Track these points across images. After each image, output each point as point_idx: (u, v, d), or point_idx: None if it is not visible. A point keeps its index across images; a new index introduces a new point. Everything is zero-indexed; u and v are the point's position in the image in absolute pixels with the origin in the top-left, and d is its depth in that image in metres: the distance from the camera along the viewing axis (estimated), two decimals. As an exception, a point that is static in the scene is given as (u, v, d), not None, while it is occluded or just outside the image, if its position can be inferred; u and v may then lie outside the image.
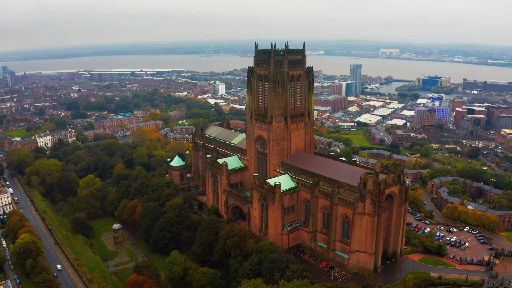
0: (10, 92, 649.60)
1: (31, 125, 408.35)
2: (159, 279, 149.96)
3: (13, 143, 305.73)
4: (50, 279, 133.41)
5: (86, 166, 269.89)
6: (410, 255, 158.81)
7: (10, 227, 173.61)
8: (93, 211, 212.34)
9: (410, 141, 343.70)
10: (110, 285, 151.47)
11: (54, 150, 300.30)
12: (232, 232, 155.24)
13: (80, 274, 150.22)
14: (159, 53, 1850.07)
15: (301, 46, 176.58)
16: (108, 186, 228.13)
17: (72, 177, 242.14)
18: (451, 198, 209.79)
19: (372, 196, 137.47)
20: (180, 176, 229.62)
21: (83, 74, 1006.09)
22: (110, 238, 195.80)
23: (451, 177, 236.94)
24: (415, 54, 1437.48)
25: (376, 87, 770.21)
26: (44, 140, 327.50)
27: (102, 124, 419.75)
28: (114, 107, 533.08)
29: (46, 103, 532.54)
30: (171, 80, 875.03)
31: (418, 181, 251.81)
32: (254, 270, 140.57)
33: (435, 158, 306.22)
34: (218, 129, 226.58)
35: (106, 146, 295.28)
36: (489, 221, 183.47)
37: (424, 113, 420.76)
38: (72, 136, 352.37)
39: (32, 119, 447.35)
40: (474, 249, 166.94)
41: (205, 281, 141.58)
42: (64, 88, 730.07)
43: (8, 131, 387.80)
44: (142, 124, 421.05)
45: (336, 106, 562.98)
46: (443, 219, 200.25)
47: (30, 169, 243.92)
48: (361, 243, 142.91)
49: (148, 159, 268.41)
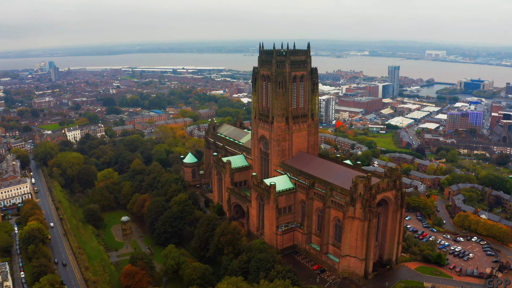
0: (52, 87, 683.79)
1: (65, 119, 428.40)
2: (153, 271, 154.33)
3: (44, 136, 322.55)
4: (45, 263, 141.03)
5: (108, 160, 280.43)
6: (407, 263, 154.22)
7: (22, 214, 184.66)
8: (107, 204, 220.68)
9: (437, 146, 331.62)
10: (108, 274, 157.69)
11: (80, 143, 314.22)
12: (226, 229, 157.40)
13: (79, 261, 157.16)
14: (204, 52, 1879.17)
15: (348, 47, 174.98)
16: (124, 180, 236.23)
17: (91, 170, 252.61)
18: (465, 206, 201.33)
19: (363, 200, 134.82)
20: (192, 172, 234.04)
21: (126, 71, 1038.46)
22: (119, 230, 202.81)
23: (470, 184, 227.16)
24: (461, 56, 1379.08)
25: (416, 90, 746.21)
26: (73, 134, 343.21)
27: (132, 120, 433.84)
28: (148, 104, 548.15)
29: (83, 98, 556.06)
30: (210, 78, 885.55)
31: (436, 187, 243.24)
32: (242, 268, 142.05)
33: (461, 164, 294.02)
34: (230, 128, 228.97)
35: (129, 141, 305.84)
36: (500, 232, 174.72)
37: (457, 117, 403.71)
38: (101, 131, 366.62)
39: (68, 113, 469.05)
40: (478, 260, 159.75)
41: (195, 276, 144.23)
42: (104, 84, 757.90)
43: (43, 124, 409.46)
44: (171, 121, 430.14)
45: (369, 108, 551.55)
46: (454, 227, 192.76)
47: (53, 161, 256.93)
48: (351, 248, 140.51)
49: (166, 155, 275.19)
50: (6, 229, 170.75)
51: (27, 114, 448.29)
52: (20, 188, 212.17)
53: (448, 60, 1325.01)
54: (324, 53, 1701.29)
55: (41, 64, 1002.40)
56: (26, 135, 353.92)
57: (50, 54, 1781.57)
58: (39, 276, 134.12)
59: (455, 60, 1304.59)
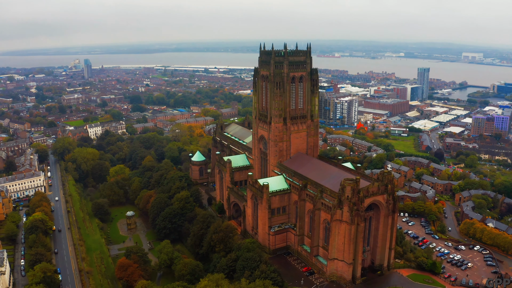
0: (83, 84, 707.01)
1: (90, 116, 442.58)
2: (146, 264, 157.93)
3: (66, 131, 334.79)
4: (42, 252, 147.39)
5: (123, 156, 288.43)
6: (401, 269, 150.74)
7: (30, 206, 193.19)
8: (116, 198, 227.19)
9: (457, 150, 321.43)
10: (104, 265, 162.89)
11: (99, 140, 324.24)
12: (219, 228, 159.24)
13: (77, 252, 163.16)
14: (239, 51, 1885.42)
15: (384, 48, 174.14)
16: (134, 176, 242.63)
17: (105, 166, 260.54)
18: (473, 213, 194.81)
19: (350, 203, 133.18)
20: (199, 171, 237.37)
21: (159, 69, 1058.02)
22: (125, 225, 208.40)
23: (482, 191, 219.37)
24: (499, 59, 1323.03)
25: (448, 92, 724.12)
26: (94, 131, 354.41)
27: (154, 118, 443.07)
28: (173, 102, 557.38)
29: (111, 96, 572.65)
30: (239, 78, 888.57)
31: (448, 193, 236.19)
32: (230, 266, 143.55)
33: (479, 169, 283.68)
34: (237, 128, 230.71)
35: (145, 138, 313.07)
36: (505, 242, 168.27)
37: (482, 121, 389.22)
38: (122, 128, 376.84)
39: (94, 110, 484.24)
40: (477, 270, 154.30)
41: (185, 272, 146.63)
42: (135, 82, 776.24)
43: (68, 121, 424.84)
44: (192, 120, 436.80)
45: (394, 110, 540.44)
46: (459, 235, 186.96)
47: (69, 156, 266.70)
48: (339, 251, 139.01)
49: (178, 153, 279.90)
50: (14, 219, 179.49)
51: (54, 110, 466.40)
52: (34, 181, 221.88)
53: (484, 62, 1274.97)
54: (359, 54, 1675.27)
55: (75, 62, 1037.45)
56: (50, 130, 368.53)
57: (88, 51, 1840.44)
58: (35, 264, 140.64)
59: (492, 63, 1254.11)
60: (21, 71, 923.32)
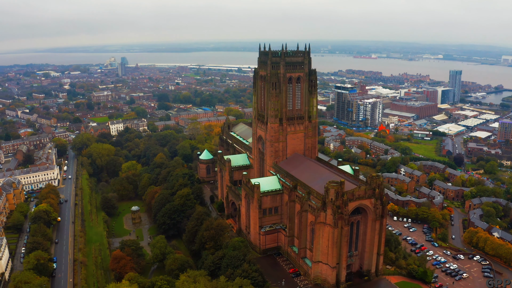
0: (116, 82, 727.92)
1: (115, 112, 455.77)
2: (140, 258, 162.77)
3: (88, 127, 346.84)
4: (39, 241, 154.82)
5: (139, 152, 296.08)
6: (390, 276, 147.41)
7: (39, 197, 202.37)
8: (126, 193, 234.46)
9: (478, 156, 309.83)
10: (101, 257, 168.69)
11: (119, 136, 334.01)
12: (210, 225, 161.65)
13: (75, 243, 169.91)
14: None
15: (423, 49, 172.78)
16: (145, 172, 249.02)
17: (119, 161, 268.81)
18: (479, 222, 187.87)
19: (333, 206, 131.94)
20: (206, 169, 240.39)
21: (192, 68, 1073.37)
22: (130, 219, 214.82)
23: (494, 199, 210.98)
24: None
25: (482, 96, 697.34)
26: (116, 127, 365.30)
27: (177, 116, 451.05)
28: (199, 101, 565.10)
29: (140, 94, 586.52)
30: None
31: (459, 199, 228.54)
32: (216, 264, 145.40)
33: (499, 176, 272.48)
34: (243, 127, 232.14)
35: (161, 136, 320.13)
36: (507, 253, 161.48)
37: (509, 126, 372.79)
38: (143, 125, 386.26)
39: (121, 107, 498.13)
40: (472, 281, 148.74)
41: (174, 266, 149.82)
42: (166, 81, 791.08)
43: (94, 117, 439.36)
44: (213, 119, 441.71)
45: (422, 113, 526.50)
46: (462, 243, 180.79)
47: (86, 151, 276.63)
48: (323, 254, 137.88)
49: (191, 151, 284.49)
50: (22, 209, 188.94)
51: (82, 107, 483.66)
52: (47, 174, 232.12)
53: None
54: (396, 56, 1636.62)
55: (110, 60, 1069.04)
56: (74, 126, 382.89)
57: (127, 50, 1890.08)
58: (31, 251, 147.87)
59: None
60: (58, 68, 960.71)
